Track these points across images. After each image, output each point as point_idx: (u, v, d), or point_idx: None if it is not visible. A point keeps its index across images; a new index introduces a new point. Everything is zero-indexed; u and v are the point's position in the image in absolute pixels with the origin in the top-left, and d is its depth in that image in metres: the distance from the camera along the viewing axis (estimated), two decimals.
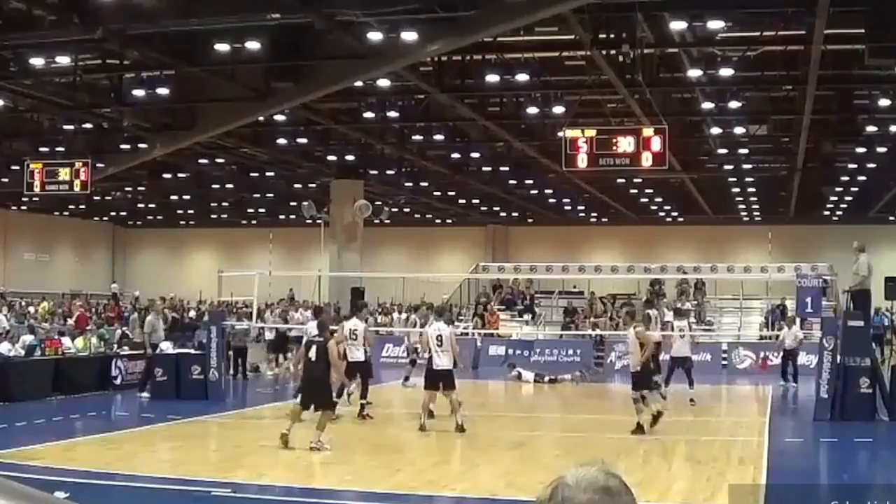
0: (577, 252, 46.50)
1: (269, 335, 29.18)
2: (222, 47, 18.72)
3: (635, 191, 40.07)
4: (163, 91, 22.04)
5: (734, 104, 22.21)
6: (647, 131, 17.88)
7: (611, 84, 19.97)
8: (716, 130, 26.59)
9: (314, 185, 38.25)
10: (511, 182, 37.85)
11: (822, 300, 20.56)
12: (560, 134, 19.02)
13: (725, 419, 18.80)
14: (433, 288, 40.85)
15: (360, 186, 35.41)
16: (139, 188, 42.11)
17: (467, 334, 28.28)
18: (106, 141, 28.20)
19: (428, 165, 33.44)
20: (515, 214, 49.48)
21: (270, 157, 32.96)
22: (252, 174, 37.34)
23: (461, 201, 44.83)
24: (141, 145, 28.16)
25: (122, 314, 32.95)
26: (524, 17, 16.37)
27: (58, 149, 27.80)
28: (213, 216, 53.07)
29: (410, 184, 37.91)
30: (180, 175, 37.33)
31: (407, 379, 22.22)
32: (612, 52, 18.01)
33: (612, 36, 17.34)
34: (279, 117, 26.30)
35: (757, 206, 44.90)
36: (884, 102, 21.72)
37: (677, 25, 17.75)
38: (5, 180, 34.56)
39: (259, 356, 27.35)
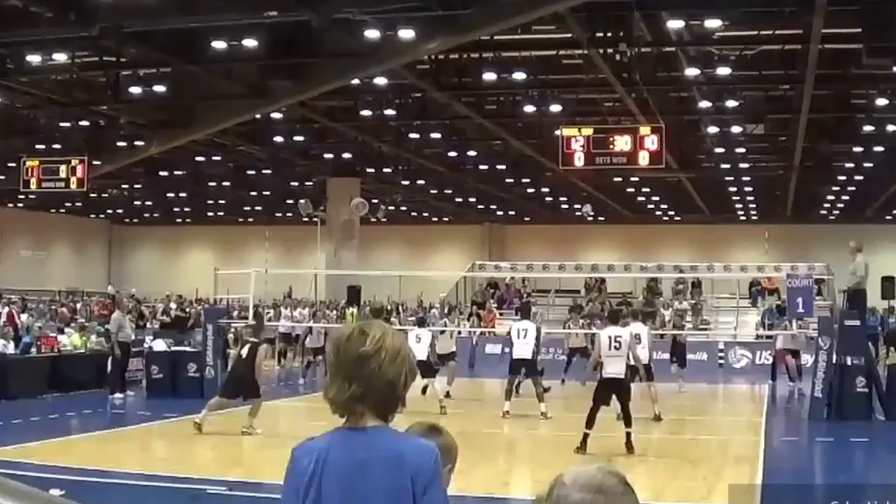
0: (573, 251, 46.45)
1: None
2: (219, 45, 18.69)
3: (632, 189, 40.04)
4: (160, 88, 22.02)
5: (731, 103, 22.22)
6: (644, 130, 17.92)
7: (608, 83, 19.98)
8: (713, 129, 26.57)
9: (311, 184, 38.22)
10: (508, 180, 37.84)
11: (813, 300, 20.56)
12: (557, 132, 19.05)
13: (722, 418, 18.81)
14: (430, 286, 40.82)
15: (357, 184, 35.40)
16: (136, 186, 42.03)
17: (460, 333, 28.24)
18: (103, 138, 28.13)
19: (424, 164, 33.42)
20: (512, 213, 49.41)
21: (267, 154, 32.91)
22: (249, 172, 37.29)
23: (458, 199, 44.79)
24: (137, 143, 28.12)
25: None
26: (521, 16, 16.37)
27: (54, 146, 27.80)
28: (210, 214, 52.97)
29: (407, 182, 37.86)
30: (177, 173, 37.26)
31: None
32: (609, 50, 18.01)
33: (609, 35, 17.31)
34: (276, 115, 26.26)
35: (754, 206, 44.87)
36: (881, 102, 21.72)
37: (674, 24, 17.75)
38: (2, 177, 34.46)
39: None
